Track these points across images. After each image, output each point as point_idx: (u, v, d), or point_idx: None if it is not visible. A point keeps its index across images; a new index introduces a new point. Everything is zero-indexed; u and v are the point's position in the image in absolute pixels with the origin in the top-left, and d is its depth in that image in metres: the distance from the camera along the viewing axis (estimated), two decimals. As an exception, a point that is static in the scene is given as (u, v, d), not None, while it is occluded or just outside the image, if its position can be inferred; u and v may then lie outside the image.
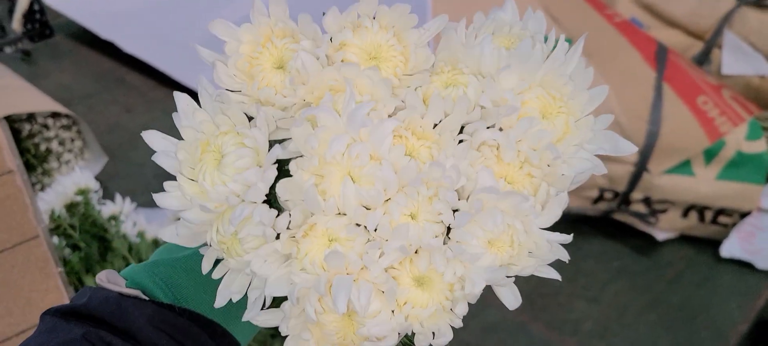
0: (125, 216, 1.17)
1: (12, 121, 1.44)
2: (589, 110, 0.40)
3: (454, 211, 0.36)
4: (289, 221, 0.36)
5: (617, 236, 1.53)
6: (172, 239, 0.40)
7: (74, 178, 1.16)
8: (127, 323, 0.40)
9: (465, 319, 0.38)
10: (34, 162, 1.47)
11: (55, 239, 1.11)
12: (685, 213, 1.45)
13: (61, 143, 1.52)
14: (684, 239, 1.51)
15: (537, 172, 0.38)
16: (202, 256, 0.46)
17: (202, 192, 0.37)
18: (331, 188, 0.35)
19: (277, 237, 0.37)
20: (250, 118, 0.38)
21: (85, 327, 0.39)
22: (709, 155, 1.41)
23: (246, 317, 0.38)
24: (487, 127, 0.37)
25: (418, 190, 0.36)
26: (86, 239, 1.10)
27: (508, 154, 0.37)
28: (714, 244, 1.47)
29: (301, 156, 0.36)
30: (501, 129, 0.38)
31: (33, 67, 2.07)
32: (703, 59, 1.67)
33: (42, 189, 1.43)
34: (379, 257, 0.35)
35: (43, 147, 1.48)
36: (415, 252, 0.36)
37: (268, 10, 0.39)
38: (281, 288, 0.36)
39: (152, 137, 0.40)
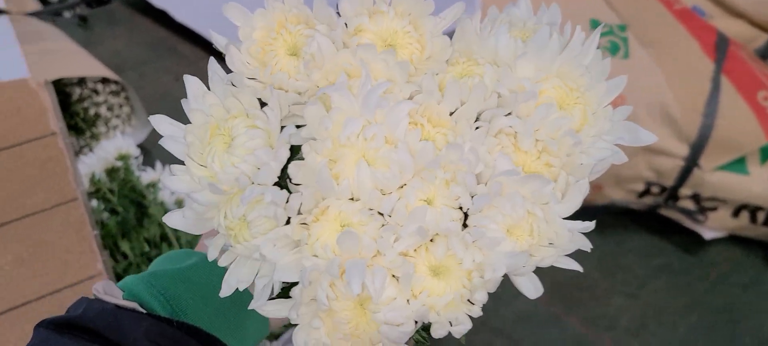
0: (164, 184, 1.19)
1: (63, 85, 1.48)
2: (606, 102, 0.39)
3: (472, 197, 0.35)
4: (300, 205, 0.35)
5: (662, 232, 1.48)
6: (177, 224, 0.39)
7: (116, 143, 1.18)
8: (123, 336, 0.39)
9: (497, 307, 0.37)
10: (83, 126, 1.51)
11: (94, 203, 1.14)
12: (736, 213, 1.39)
13: (110, 109, 1.56)
14: (732, 240, 1.45)
15: (555, 161, 0.37)
16: (203, 267, 0.45)
17: (212, 175, 0.37)
18: (345, 171, 0.35)
19: (287, 222, 0.36)
20: (263, 105, 0.38)
21: (79, 341, 0.38)
22: (766, 154, 1.34)
23: (252, 305, 0.37)
24: (505, 116, 0.37)
25: (435, 174, 0.35)
26: (124, 204, 1.13)
27: (525, 142, 0.36)
28: (765, 246, 1.41)
29: (314, 139, 0.36)
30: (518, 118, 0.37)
31: (88, 32, 2.12)
32: (767, 53, 1.58)
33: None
34: (394, 242, 0.34)
35: (92, 112, 1.52)
36: (431, 240, 0.35)
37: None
38: (291, 273, 0.35)
39: (159, 122, 0.39)
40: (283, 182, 0.36)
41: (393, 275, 0.35)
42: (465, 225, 0.36)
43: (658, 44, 1.38)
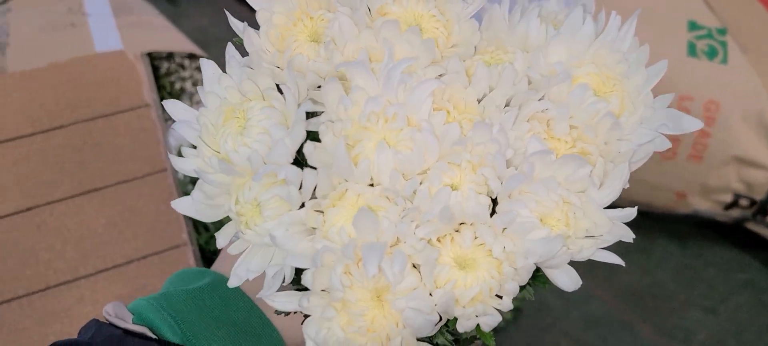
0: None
1: (152, 58, 1.53)
2: (646, 90, 0.36)
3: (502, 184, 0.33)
4: (315, 188, 0.33)
5: (747, 247, 1.41)
6: (187, 209, 0.37)
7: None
8: None
9: (568, 309, 0.35)
10: (169, 99, 1.56)
11: (180, 175, 1.18)
12: (831, 233, 1.32)
13: (195, 84, 1.60)
14: (825, 261, 1.37)
15: (592, 148, 0.34)
16: (217, 288, 0.43)
17: (224, 156, 0.35)
18: (365, 153, 0.33)
19: (302, 207, 0.33)
20: (282, 93, 0.36)
21: None
22: None
23: (260, 294, 0.34)
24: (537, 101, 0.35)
25: (461, 156, 0.32)
26: (208, 178, 1.15)
27: (560, 127, 0.34)
28: None
29: (332, 122, 0.34)
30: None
31: (175, 7, 2.18)
32: None
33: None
34: (416, 228, 0.32)
35: (177, 86, 1.56)
36: (456, 230, 0.33)
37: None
38: (304, 260, 0.33)
39: (173, 107, 0.38)
40: (298, 165, 0.34)
41: (414, 265, 0.32)
42: (495, 212, 0.33)
43: (759, 51, 1.31)
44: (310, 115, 0.35)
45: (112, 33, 1.44)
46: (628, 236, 0.34)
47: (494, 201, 0.33)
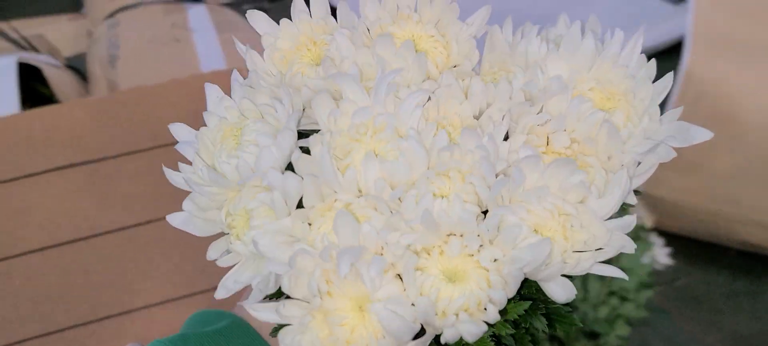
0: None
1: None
2: (653, 106, 0.35)
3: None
4: (302, 197, 0.33)
5: None
6: (180, 223, 0.37)
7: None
8: None
9: None
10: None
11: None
12: None
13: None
14: None
15: (592, 160, 0.33)
16: (233, 331, 0.43)
17: (218, 169, 0.36)
18: (353, 164, 0.32)
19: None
20: None
21: None
22: None
23: (245, 304, 0.34)
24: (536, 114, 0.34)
25: (448, 165, 0.32)
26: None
27: (559, 138, 0.33)
28: None
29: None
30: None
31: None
32: None
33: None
34: (400, 236, 0.31)
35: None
36: (445, 242, 0.32)
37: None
38: (285, 268, 0.32)
39: (177, 129, 0.39)
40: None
41: (398, 275, 0.31)
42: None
43: None
44: (308, 134, 0.35)
45: (216, 48, 1.46)
46: (630, 247, 0.33)
47: (486, 213, 0.32)
